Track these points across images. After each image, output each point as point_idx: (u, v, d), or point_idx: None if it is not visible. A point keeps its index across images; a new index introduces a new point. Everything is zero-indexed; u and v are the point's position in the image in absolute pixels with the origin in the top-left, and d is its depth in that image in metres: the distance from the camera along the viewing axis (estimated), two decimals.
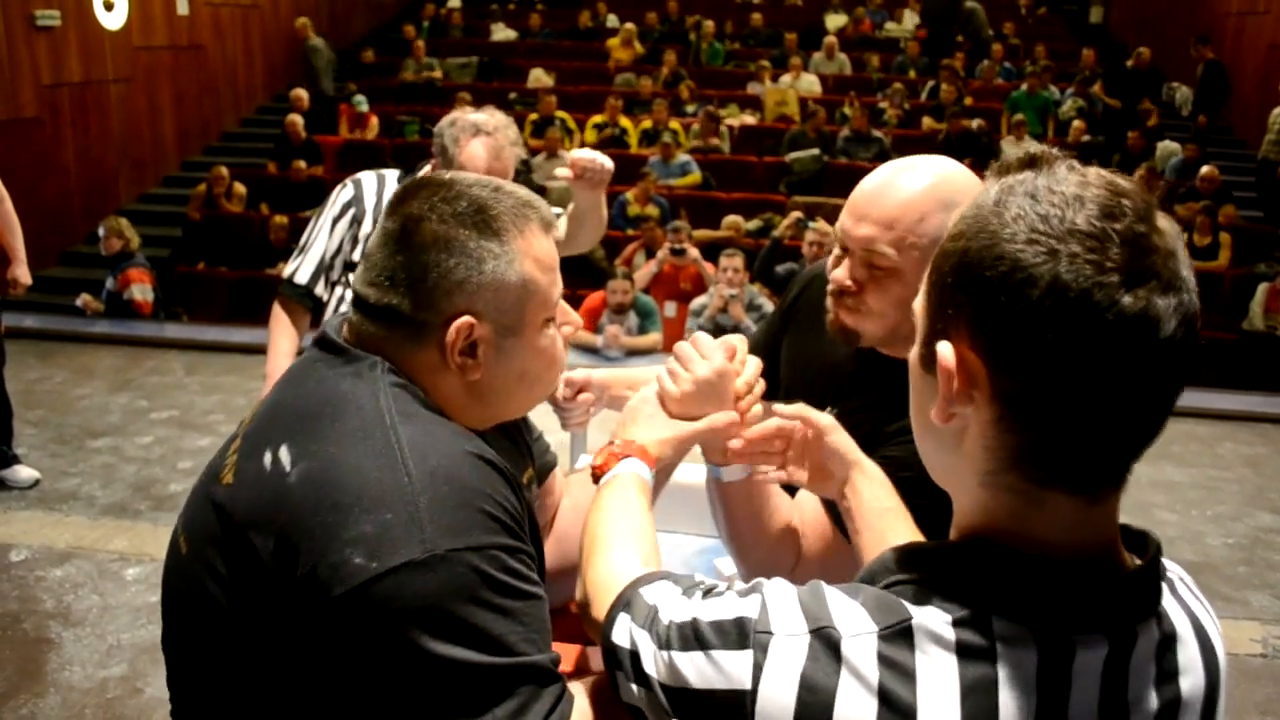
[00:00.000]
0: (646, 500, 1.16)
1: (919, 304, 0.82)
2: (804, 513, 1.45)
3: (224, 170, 9.61)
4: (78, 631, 3.71)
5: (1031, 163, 0.77)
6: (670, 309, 7.34)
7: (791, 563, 1.41)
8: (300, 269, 3.08)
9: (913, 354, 0.83)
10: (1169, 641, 0.80)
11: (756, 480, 1.36)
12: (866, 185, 1.41)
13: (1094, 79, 11.54)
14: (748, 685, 0.77)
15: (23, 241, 4.94)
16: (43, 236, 8.25)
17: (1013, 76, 12.54)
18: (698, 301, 7.13)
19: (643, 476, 1.19)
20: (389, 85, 12.27)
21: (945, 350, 0.76)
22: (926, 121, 10.98)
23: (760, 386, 1.34)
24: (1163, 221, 0.74)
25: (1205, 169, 9.45)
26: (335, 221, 3.03)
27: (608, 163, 2.65)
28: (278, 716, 1.03)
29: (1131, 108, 11.03)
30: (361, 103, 11.10)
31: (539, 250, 1.14)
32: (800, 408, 1.29)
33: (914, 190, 1.35)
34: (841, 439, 1.28)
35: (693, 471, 1.73)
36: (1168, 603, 0.82)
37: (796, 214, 8.05)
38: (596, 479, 1.21)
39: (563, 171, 2.71)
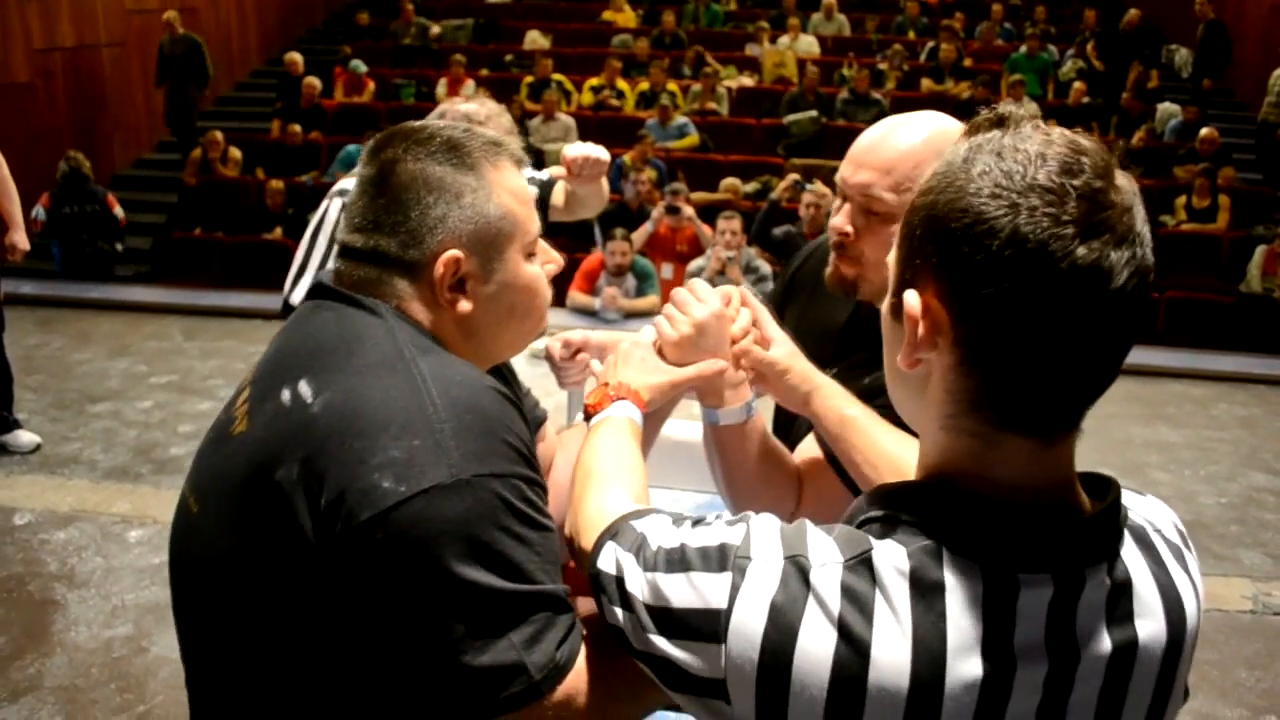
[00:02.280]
0: (638, 442, 1.19)
1: (892, 256, 0.86)
2: (803, 459, 1.47)
3: (219, 135, 9.57)
4: (82, 593, 3.76)
5: (1000, 122, 0.81)
6: (667, 271, 7.34)
7: (791, 509, 1.44)
8: (298, 289, 3.03)
9: (885, 304, 0.87)
10: (1123, 588, 0.82)
11: (755, 422, 1.39)
12: (866, 137, 1.46)
13: (1093, 40, 11.46)
14: (724, 605, 0.81)
15: (20, 207, 4.93)
16: (35, 203, 8.21)
17: (1012, 38, 12.44)
18: (695, 263, 7.13)
19: (634, 419, 1.22)
20: (384, 48, 12.19)
21: (911, 298, 0.80)
22: (926, 83, 10.92)
23: (755, 333, 1.38)
24: (1121, 179, 0.77)
25: (1205, 131, 9.41)
26: (332, 236, 3.00)
27: (603, 155, 2.61)
28: (295, 657, 1.05)
29: (1122, 70, 10.95)
30: (358, 66, 11.02)
31: (513, 184, 1.18)
32: (758, 352, 1.36)
33: (911, 141, 1.41)
34: (794, 376, 1.35)
35: (690, 428, 1.75)
36: (1129, 551, 0.84)
37: (794, 176, 8.03)
38: (589, 416, 1.24)
39: (557, 170, 2.68)
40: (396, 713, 1.05)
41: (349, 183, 2.98)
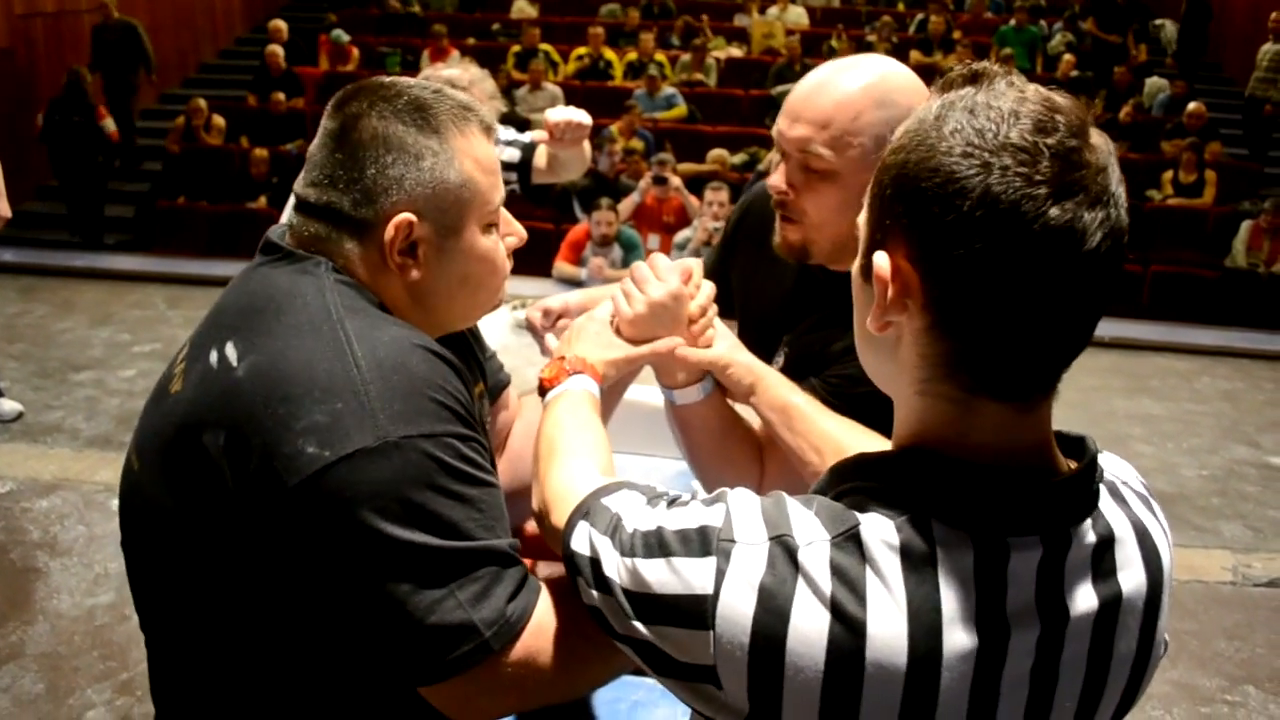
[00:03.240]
0: (598, 416, 1.17)
1: (862, 218, 0.84)
2: (768, 434, 1.46)
3: (202, 103, 9.46)
4: (65, 561, 3.75)
5: (974, 78, 0.78)
6: (654, 241, 7.33)
7: (755, 483, 1.42)
8: None
9: (855, 266, 0.85)
10: (1106, 543, 0.82)
11: (714, 398, 1.37)
12: (803, 86, 1.38)
13: (1083, 14, 11.43)
14: (710, 590, 0.79)
15: (1, 176, 4.88)
16: (18, 171, 8.14)
17: (1001, 10, 12.40)
18: (682, 234, 7.12)
19: (593, 393, 1.20)
20: (370, 15, 12.06)
21: (881, 259, 0.78)
22: (915, 55, 10.87)
23: (713, 311, 1.35)
24: (1096, 138, 0.76)
25: (1192, 105, 9.41)
26: None
27: (584, 119, 2.57)
28: (243, 618, 1.04)
29: (1120, 42, 10.93)
30: (341, 35, 10.90)
31: (479, 151, 1.13)
32: (696, 353, 1.33)
33: (849, 89, 1.33)
34: (737, 370, 1.33)
35: None
36: (1105, 506, 0.84)
37: None
38: (544, 392, 1.22)
39: (538, 134, 2.66)
40: (349, 676, 1.04)
41: None
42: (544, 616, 1.02)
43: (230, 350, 1.03)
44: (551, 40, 10.85)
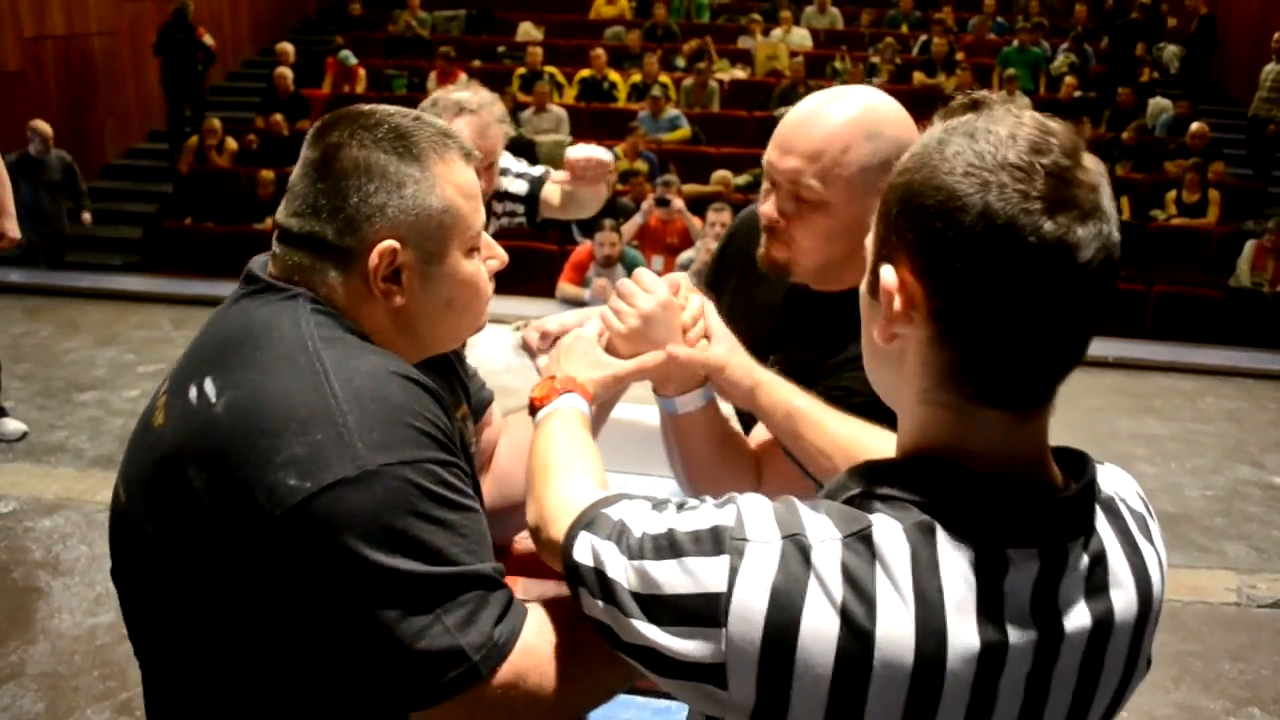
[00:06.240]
0: (590, 434, 1.19)
1: (869, 237, 0.88)
2: (760, 442, 1.46)
3: (217, 123, 9.53)
4: (66, 580, 3.75)
5: (974, 106, 0.84)
6: (658, 263, 7.33)
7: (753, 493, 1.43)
8: None
9: (863, 283, 0.89)
10: (1100, 560, 0.85)
11: (711, 409, 1.38)
12: (792, 117, 1.41)
13: (1093, 35, 11.48)
14: (723, 588, 0.81)
15: (11, 195, 4.92)
16: None
17: (1005, 31, 12.45)
18: (685, 255, 7.13)
19: (583, 411, 1.21)
20: (377, 38, 12.15)
21: (887, 273, 0.82)
22: (918, 76, 10.92)
23: (704, 322, 1.36)
24: (1088, 159, 0.80)
25: (1195, 126, 9.42)
26: None
27: (606, 157, 2.55)
28: (232, 645, 1.04)
29: (1129, 60, 10.96)
30: (348, 57, 10.98)
31: (459, 178, 1.14)
32: (691, 353, 1.33)
33: (838, 121, 1.36)
34: (735, 372, 1.33)
35: None
36: (1101, 524, 0.87)
37: None
38: (534, 410, 1.23)
39: (558, 174, 2.64)
40: (339, 704, 1.04)
41: None
42: (531, 638, 1.02)
43: (209, 386, 1.04)
44: (556, 63, 10.91)
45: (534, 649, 1.02)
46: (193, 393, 1.05)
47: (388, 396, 1.02)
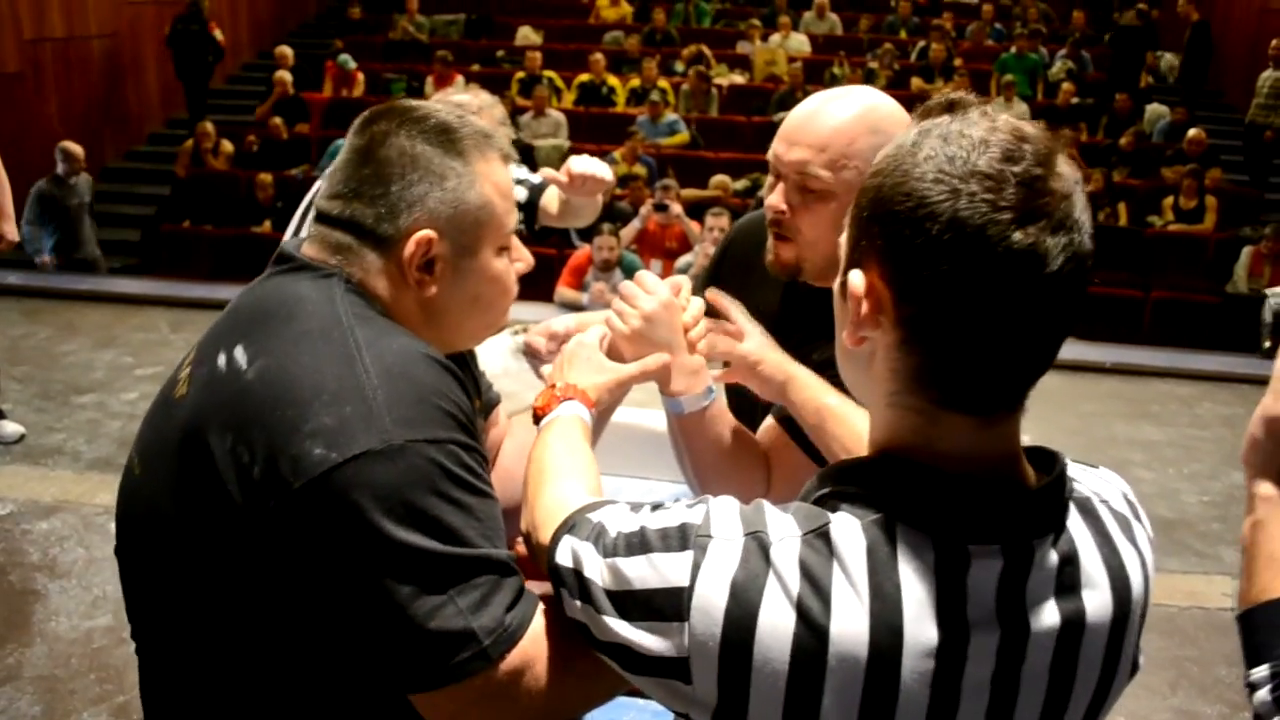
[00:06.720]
0: (589, 441, 1.20)
1: (843, 237, 0.88)
2: (767, 439, 1.47)
3: (210, 127, 9.53)
4: (64, 583, 3.75)
5: (950, 107, 0.83)
6: (655, 267, 7.34)
7: (762, 492, 1.44)
8: None
9: (835, 283, 0.89)
10: (1070, 560, 0.84)
11: (717, 408, 1.40)
12: (797, 114, 1.46)
13: (1091, 41, 11.50)
14: (686, 583, 0.82)
15: (10, 198, 4.92)
16: (26, 194, 8.19)
17: (1002, 38, 12.47)
18: (683, 259, 7.14)
19: (584, 418, 1.22)
20: (375, 42, 12.16)
21: (855, 278, 0.82)
22: (916, 82, 10.93)
23: (705, 323, 1.38)
24: (1062, 167, 0.79)
25: (1193, 132, 9.45)
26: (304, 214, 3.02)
27: (606, 174, 2.55)
28: (237, 626, 1.05)
29: (1131, 66, 10.98)
30: (348, 61, 10.99)
31: (498, 177, 1.18)
32: (730, 344, 1.38)
33: (844, 116, 1.41)
34: (768, 368, 1.37)
35: (664, 419, 1.76)
36: (1074, 523, 0.86)
37: None
38: (537, 419, 1.24)
39: (548, 172, 2.63)
40: (346, 683, 1.05)
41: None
42: (541, 629, 1.03)
43: (240, 353, 1.06)
44: (554, 67, 10.93)
45: (542, 640, 1.03)
46: (221, 359, 1.07)
47: (418, 376, 1.04)
